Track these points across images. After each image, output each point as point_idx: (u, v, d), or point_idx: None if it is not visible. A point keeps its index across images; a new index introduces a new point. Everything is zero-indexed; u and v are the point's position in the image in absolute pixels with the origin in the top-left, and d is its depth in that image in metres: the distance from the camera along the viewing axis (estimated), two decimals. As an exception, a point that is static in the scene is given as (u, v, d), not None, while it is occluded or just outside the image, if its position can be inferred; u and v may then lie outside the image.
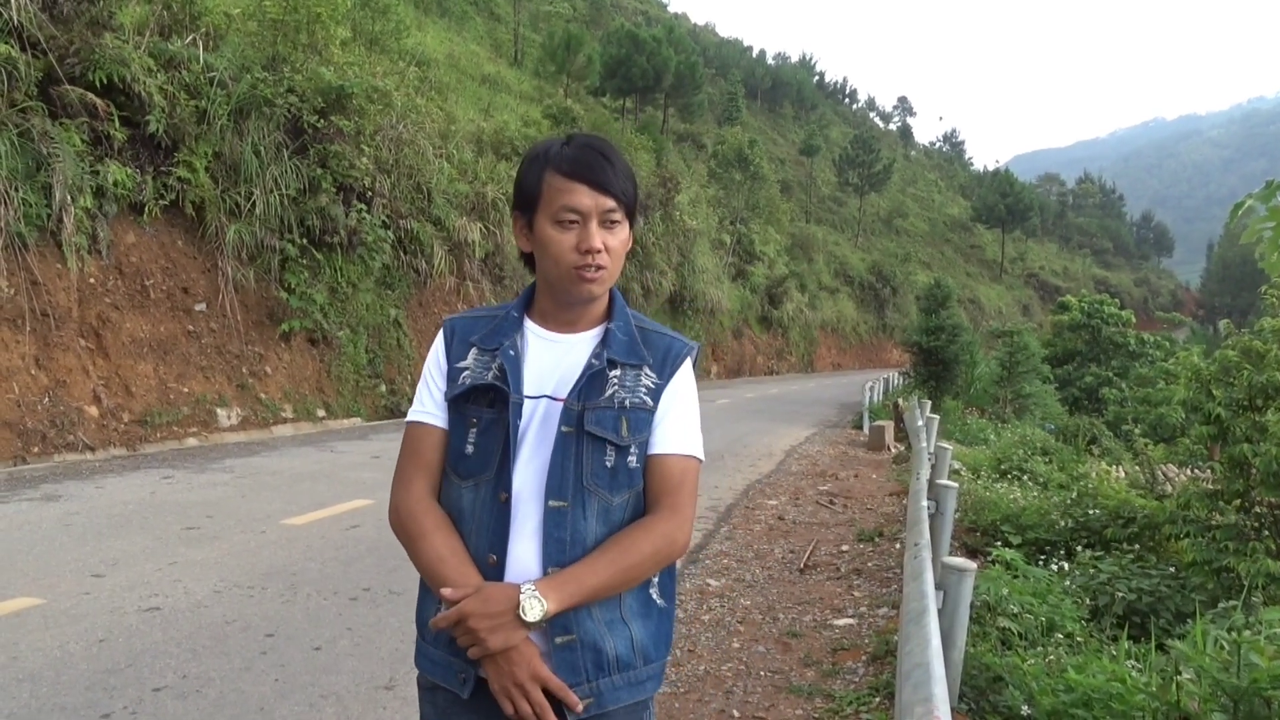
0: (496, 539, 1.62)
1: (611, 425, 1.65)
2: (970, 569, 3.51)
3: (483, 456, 1.66)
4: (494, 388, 1.66)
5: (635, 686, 1.67)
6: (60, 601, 4.78)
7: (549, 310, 1.73)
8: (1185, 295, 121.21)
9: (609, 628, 1.64)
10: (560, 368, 1.69)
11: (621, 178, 1.66)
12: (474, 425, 1.67)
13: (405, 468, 1.73)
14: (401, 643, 4.47)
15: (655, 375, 1.71)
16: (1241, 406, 6.76)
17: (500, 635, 1.52)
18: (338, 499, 7.72)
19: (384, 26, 21.18)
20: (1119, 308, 28.57)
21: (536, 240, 1.67)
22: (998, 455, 12.53)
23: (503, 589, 1.54)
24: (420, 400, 1.74)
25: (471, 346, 1.72)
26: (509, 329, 1.72)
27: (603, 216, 1.64)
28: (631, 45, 46.66)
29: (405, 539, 1.69)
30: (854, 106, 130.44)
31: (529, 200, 1.68)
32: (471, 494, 1.66)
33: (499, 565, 1.61)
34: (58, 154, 9.76)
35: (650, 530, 1.66)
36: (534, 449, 1.65)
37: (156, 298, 11.36)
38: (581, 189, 1.62)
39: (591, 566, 1.59)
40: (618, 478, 1.66)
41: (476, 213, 18.65)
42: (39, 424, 9.36)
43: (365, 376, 14.71)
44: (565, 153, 1.65)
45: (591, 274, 1.64)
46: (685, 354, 1.76)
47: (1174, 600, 6.05)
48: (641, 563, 1.63)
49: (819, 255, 52.59)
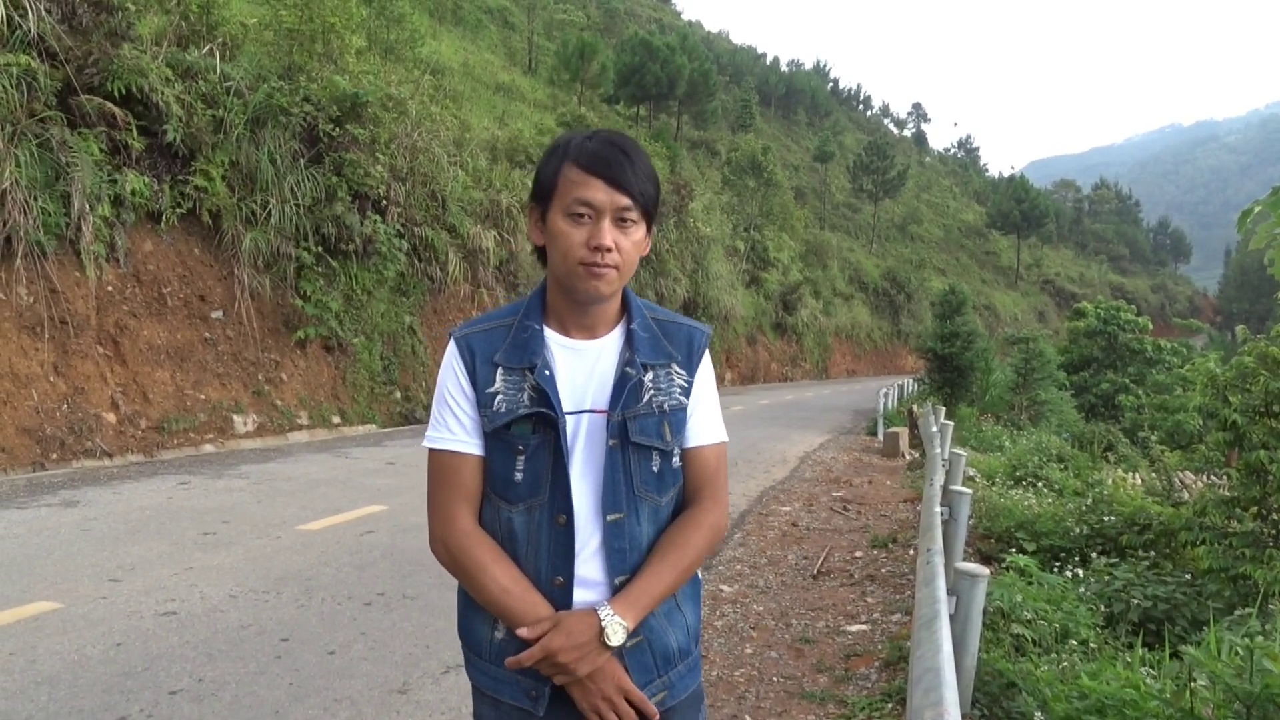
0: (560, 560, 1.60)
1: (655, 431, 1.66)
2: (983, 575, 3.51)
3: (533, 481, 1.62)
4: (538, 413, 1.60)
5: (694, 669, 1.73)
6: (78, 606, 4.82)
7: (565, 314, 1.67)
8: (1203, 301, 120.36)
9: (669, 619, 1.68)
10: (593, 378, 1.65)
11: (641, 178, 1.62)
12: (521, 453, 1.61)
13: (444, 499, 1.65)
14: (415, 647, 4.50)
15: (685, 371, 1.71)
16: (1258, 413, 6.72)
17: (587, 663, 1.54)
18: (352, 505, 7.76)
19: (399, 35, 21.38)
20: (1135, 314, 28.43)
21: (549, 233, 1.63)
22: (1013, 462, 12.46)
23: (582, 618, 1.55)
24: (446, 426, 1.65)
25: (496, 367, 1.64)
26: (533, 344, 1.64)
27: (617, 214, 1.60)
28: (645, 53, 46.79)
29: (460, 573, 1.64)
30: (868, 113, 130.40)
31: (545, 191, 1.64)
32: (524, 518, 1.62)
33: (566, 586, 1.60)
34: (76, 163, 9.86)
35: (700, 525, 1.69)
36: (584, 466, 1.63)
37: (173, 305, 11.45)
38: (597, 183, 1.58)
39: (657, 574, 1.62)
40: (664, 480, 1.68)
41: (491, 220, 18.73)
42: (58, 430, 9.45)
43: (380, 383, 14.78)
44: (586, 146, 1.61)
45: (599, 271, 1.58)
46: (705, 342, 1.77)
47: (1189, 607, 6.00)
48: (697, 558, 1.68)
49: (833, 261, 52.53)
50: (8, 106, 9.50)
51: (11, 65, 9.51)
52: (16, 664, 4.03)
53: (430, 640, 4.60)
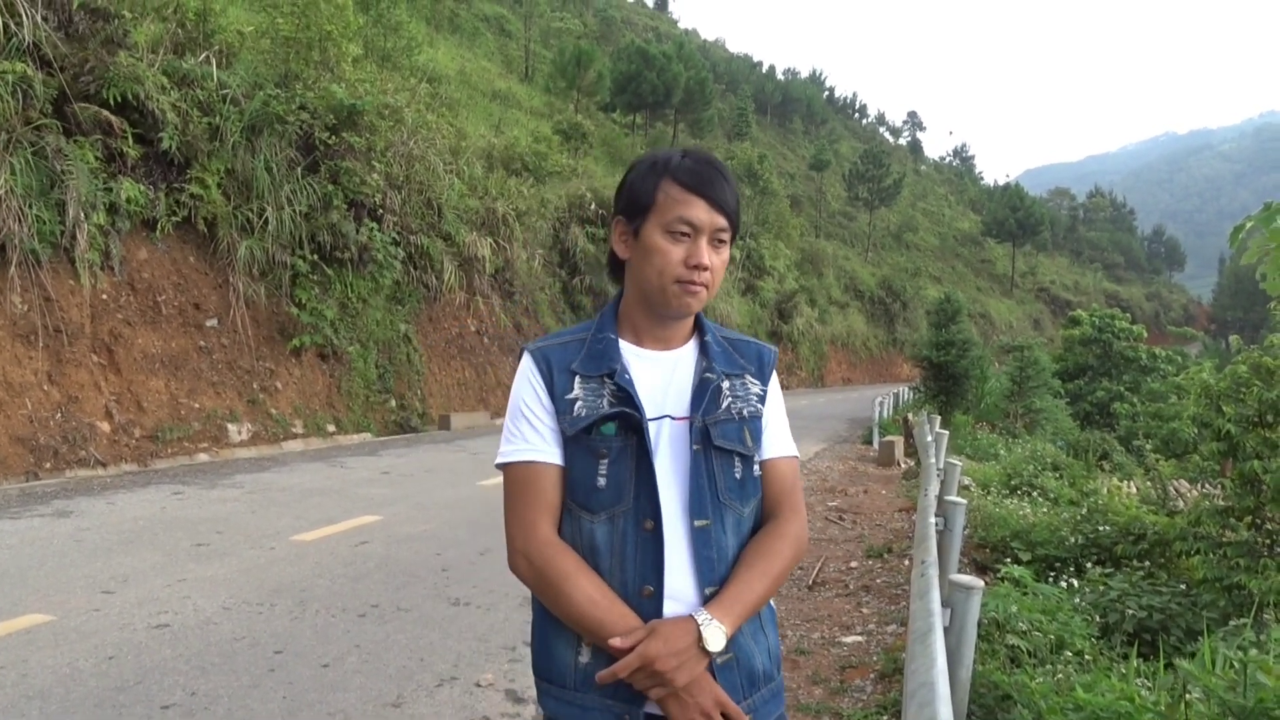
0: (649, 570, 1.57)
1: (737, 437, 1.66)
2: (978, 587, 3.50)
3: (616, 487, 1.60)
4: (621, 414, 1.60)
5: (777, 697, 1.68)
6: (70, 618, 4.80)
7: (643, 327, 1.69)
8: (1197, 310, 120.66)
9: (754, 640, 1.65)
10: (671, 385, 1.66)
11: (734, 199, 1.64)
12: (604, 457, 1.60)
13: (526, 510, 1.62)
14: (409, 660, 4.48)
15: (759, 381, 1.74)
16: (1252, 423, 6.72)
17: (686, 671, 1.50)
18: (347, 515, 7.74)
19: (395, 43, 21.38)
20: (1130, 322, 28.49)
21: (641, 248, 1.63)
22: (1008, 471, 12.45)
23: (679, 624, 1.52)
24: (523, 437, 1.63)
25: (574, 375, 1.63)
26: (610, 352, 1.65)
27: (713, 234, 1.62)
28: (642, 61, 46.88)
29: (544, 585, 1.60)
30: (864, 121, 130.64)
31: (640, 207, 1.63)
32: (606, 527, 1.60)
33: (655, 596, 1.57)
34: (71, 171, 9.86)
35: (785, 536, 1.68)
36: (669, 471, 1.61)
37: (168, 313, 11.44)
38: (700, 203, 1.60)
39: (748, 583, 1.60)
40: (746, 488, 1.68)
41: (487, 228, 18.73)
42: (51, 440, 9.42)
43: (375, 392, 14.76)
44: (685, 164, 1.63)
45: (694, 288, 1.61)
46: (774, 359, 1.81)
47: (1185, 618, 5.99)
48: (785, 569, 1.66)
49: (829, 270, 52.57)
50: (3, 114, 9.50)
51: (7, 73, 9.51)
52: (8, 677, 4.01)
53: (424, 653, 4.59)
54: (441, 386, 16.84)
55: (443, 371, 17.06)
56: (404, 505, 8.33)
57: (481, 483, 9.76)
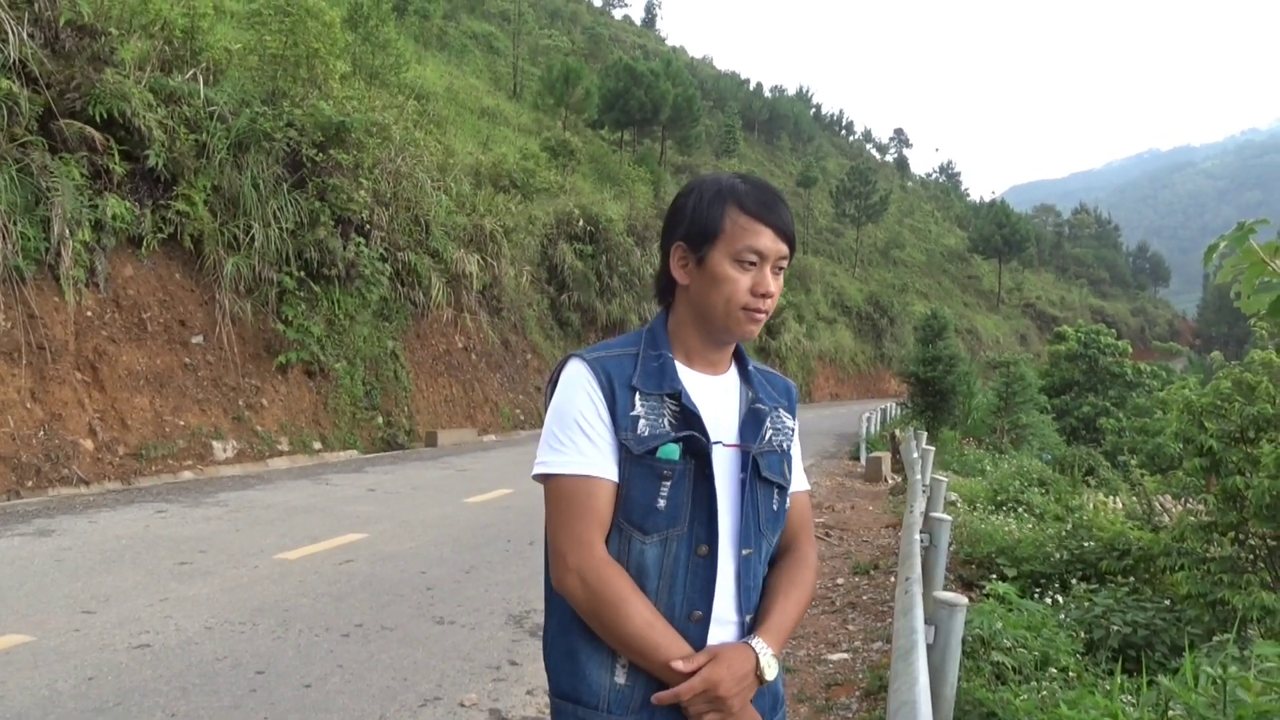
0: (699, 595, 1.57)
1: (778, 469, 1.69)
2: (961, 604, 3.50)
3: (674, 510, 1.57)
4: (689, 437, 1.58)
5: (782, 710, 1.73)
6: (50, 639, 4.76)
7: (695, 349, 1.68)
8: (1182, 325, 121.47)
9: None
10: (719, 412, 1.66)
11: (793, 224, 1.66)
12: (667, 479, 1.57)
13: (580, 526, 1.55)
14: (393, 680, 4.45)
15: (789, 415, 1.78)
16: (1234, 439, 6.77)
17: (743, 698, 1.52)
18: (332, 533, 7.70)
19: (383, 61, 21.44)
20: (1116, 337, 28.68)
21: (708, 275, 1.61)
22: (994, 486, 12.49)
23: (739, 651, 1.55)
24: (577, 449, 1.57)
25: (634, 391, 1.59)
26: (669, 371, 1.63)
27: (776, 262, 1.63)
28: (629, 78, 47.05)
29: (600, 604, 1.53)
30: (850, 138, 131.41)
31: (707, 234, 1.61)
32: (658, 549, 1.57)
33: (704, 621, 1.57)
34: (57, 188, 9.83)
35: (809, 564, 1.75)
36: (724, 498, 1.61)
37: (154, 330, 11.39)
38: (767, 231, 1.60)
39: (786, 611, 1.64)
40: (778, 520, 1.71)
41: (475, 244, 18.75)
42: (34, 458, 9.35)
43: (362, 408, 14.72)
44: (749, 191, 1.63)
45: (759, 316, 1.62)
46: (797, 394, 1.86)
47: (1169, 633, 6.02)
48: (811, 595, 1.71)
49: (816, 286, 52.75)
50: (-13, 132, 9.47)
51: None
52: (-15, 699, 3.97)
53: (408, 672, 4.56)
54: (429, 403, 16.81)
55: (430, 388, 17.02)
56: (389, 523, 8.30)
57: (468, 500, 9.73)
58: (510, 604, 5.85)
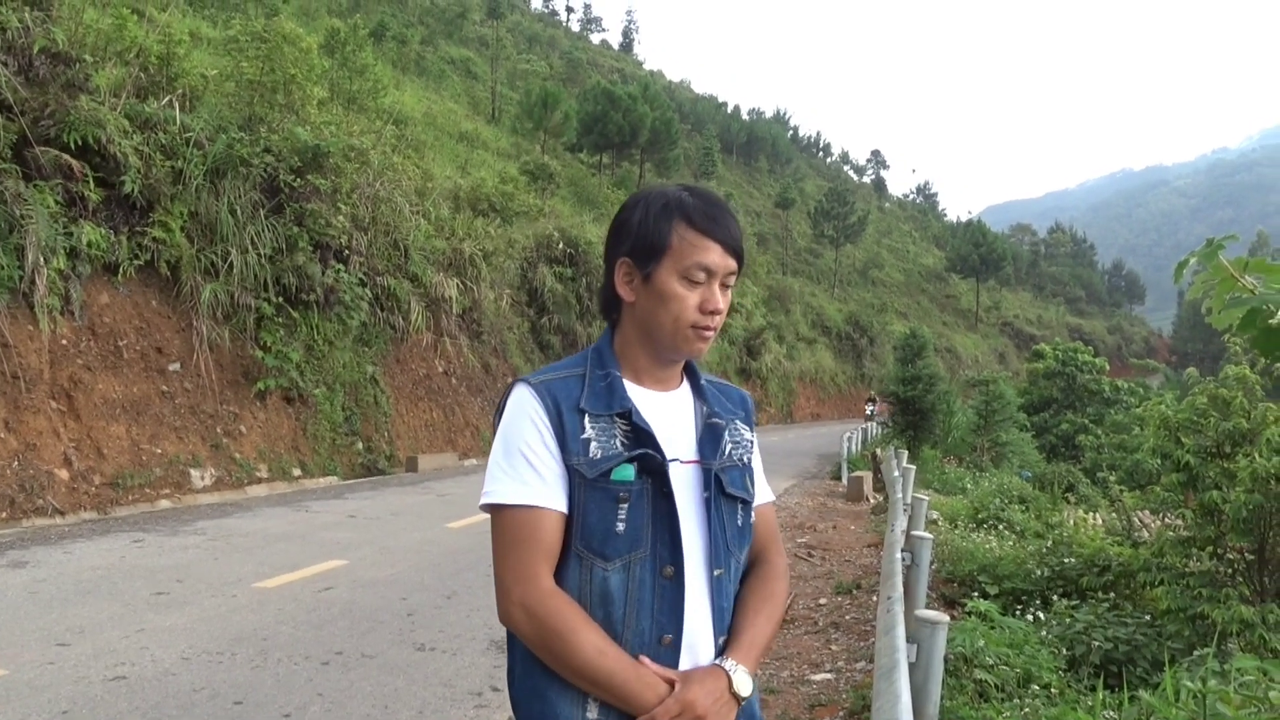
0: (668, 618, 1.53)
1: (741, 483, 1.66)
2: (943, 622, 3.51)
3: (634, 532, 1.52)
4: (643, 455, 1.53)
5: None
6: (23, 672, 4.68)
7: (643, 367, 1.63)
8: (1158, 342, 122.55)
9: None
10: (673, 428, 1.61)
11: (741, 237, 1.62)
12: (624, 501, 1.52)
13: (526, 559, 1.50)
14: (373, 708, 4.40)
15: (747, 427, 1.74)
16: (1210, 454, 6.82)
17: (721, 717, 1.50)
18: (311, 560, 7.63)
19: (361, 86, 21.49)
20: (1093, 355, 28.91)
21: (654, 292, 1.57)
22: (975, 504, 12.53)
23: (709, 671, 1.52)
24: (521, 479, 1.51)
25: (583, 414, 1.55)
26: (618, 390, 1.58)
27: (725, 278, 1.59)
28: (608, 102, 47.34)
29: (548, 637, 1.48)
30: (828, 160, 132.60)
31: (653, 250, 1.57)
32: (621, 575, 1.52)
33: (674, 645, 1.53)
34: (31, 215, 9.75)
35: (780, 577, 1.72)
36: (686, 517, 1.57)
37: (130, 358, 11.29)
38: (715, 247, 1.56)
39: (759, 627, 1.62)
40: (744, 536, 1.67)
41: (454, 268, 18.72)
42: (7, 488, 9.23)
43: (342, 434, 14.62)
44: (696, 205, 1.58)
45: (707, 334, 1.59)
46: (753, 404, 1.82)
47: (1150, 648, 6.04)
48: (784, 605, 1.69)
49: (796, 306, 52.97)
50: (-39, 160, 9.40)
51: (-35, 118, 9.42)
52: (-44, 735, 3.90)
53: (389, 700, 4.52)
54: (409, 428, 16.72)
55: (410, 413, 16.94)
56: (369, 549, 8.23)
57: (449, 525, 9.67)
58: (492, 629, 5.81)
